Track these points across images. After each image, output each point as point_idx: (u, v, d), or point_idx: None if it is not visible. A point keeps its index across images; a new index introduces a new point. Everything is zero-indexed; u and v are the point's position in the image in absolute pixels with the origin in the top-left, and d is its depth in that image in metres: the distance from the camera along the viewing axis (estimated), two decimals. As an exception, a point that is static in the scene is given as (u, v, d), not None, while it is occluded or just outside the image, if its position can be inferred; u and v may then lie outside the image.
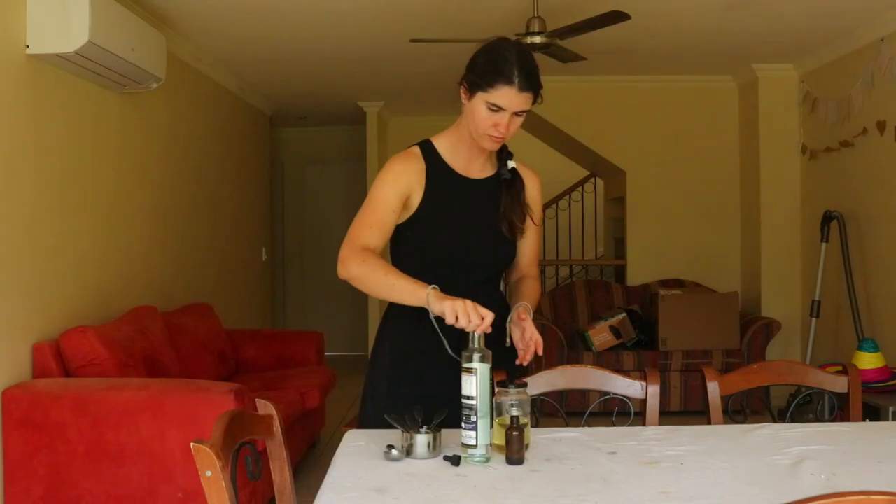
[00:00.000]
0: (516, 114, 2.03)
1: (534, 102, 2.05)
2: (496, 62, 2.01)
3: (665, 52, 5.82)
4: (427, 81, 6.52)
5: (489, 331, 1.79)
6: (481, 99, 2.02)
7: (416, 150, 2.18)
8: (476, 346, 1.76)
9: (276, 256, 8.65)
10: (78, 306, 3.92)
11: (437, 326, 1.91)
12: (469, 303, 1.81)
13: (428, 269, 2.10)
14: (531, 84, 2.01)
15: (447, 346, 1.93)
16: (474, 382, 1.72)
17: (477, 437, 1.70)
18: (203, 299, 5.43)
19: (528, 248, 2.27)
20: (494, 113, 2.01)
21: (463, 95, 2.08)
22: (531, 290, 2.22)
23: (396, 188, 2.09)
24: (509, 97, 1.99)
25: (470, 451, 1.71)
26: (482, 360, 1.74)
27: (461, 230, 2.14)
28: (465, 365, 1.74)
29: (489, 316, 1.80)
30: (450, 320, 1.81)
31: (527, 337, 2.00)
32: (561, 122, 6.77)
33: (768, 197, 6.33)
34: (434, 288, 1.90)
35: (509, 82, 1.98)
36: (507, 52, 2.02)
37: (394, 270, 1.99)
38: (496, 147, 2.12)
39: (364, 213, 2.09)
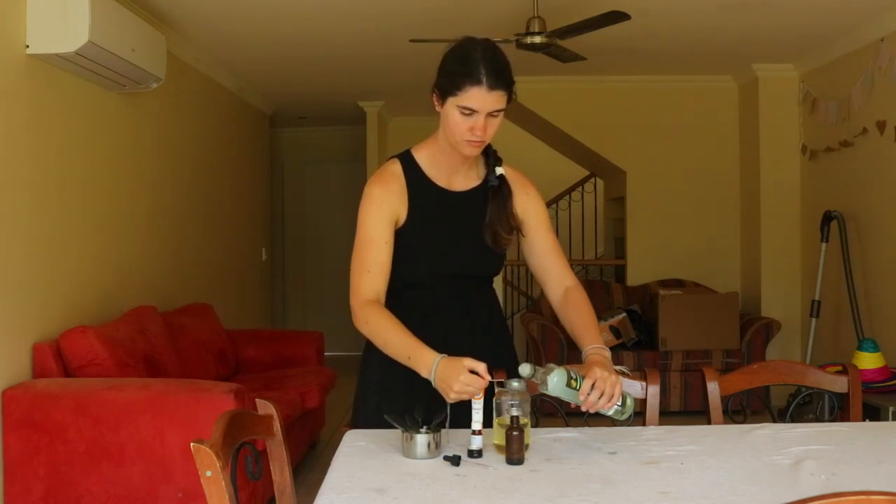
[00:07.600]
0: (491, 115, 1.93)
1: (509, 101, 1.95)
2: (462, 63, 1.92)
3: (665, 52, 5.82)
4: (427, 81, 6.43)
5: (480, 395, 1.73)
6: (452, 104, 1.93)
7: (396, 167, 2.10)
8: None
9: (276, 256, 8.65)
10: (78, 306, 3.92)
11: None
12: (462, 378, 1.71)
13: (414, 284, 2.08)
14: (501, 81, 1.90)
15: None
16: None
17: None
18: (203, 299, 5.43)
19: (549, 258, 2.16)
20: (468, 117, 1.92)
21: (436, 103, 1.99)
22: (583, 312, 2.10)
23: (381, 220, 2.03)
24: (480, 98, 1.89)
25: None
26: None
27: (444, 247, 2.08)
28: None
29: (480, 383, 1.72)
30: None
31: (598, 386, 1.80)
32: (561, 122, 6.77)
33: (768, 197, 6.33)
34: (443, 358, 1.79)
35: (477, 82, 1.88)
36: (472, 50, 1.93)
37: (395, 332, 1.89)
38: (477, 152, 2.02)
39: (357, 254, 2.03)
